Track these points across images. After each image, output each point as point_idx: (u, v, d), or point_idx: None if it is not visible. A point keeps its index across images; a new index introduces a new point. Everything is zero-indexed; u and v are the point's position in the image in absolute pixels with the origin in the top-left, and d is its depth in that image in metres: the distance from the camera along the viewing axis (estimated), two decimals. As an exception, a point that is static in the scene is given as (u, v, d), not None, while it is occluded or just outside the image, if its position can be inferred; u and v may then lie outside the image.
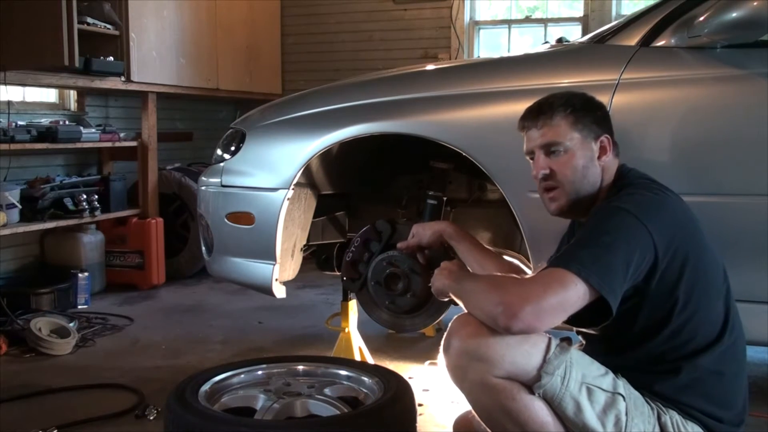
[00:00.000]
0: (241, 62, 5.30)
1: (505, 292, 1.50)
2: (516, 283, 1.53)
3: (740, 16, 1.97)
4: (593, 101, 1.78)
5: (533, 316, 1.46)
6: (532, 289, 1.49)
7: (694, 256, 1.58)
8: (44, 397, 2.62)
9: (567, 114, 1.71)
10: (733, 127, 2.10)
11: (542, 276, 1.52)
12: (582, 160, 1.71)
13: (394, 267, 2.60)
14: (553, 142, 1.71)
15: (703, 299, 1.59)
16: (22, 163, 3.97)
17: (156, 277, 4.44)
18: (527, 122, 1.77)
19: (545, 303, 1.47)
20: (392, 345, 3.18)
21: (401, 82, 2.63)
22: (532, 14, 5.44)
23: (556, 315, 1.48)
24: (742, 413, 1.64)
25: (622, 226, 1.53)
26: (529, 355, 1.50)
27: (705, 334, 1.59)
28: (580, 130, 1.71)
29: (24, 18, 3.48)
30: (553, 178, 1.73)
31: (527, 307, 1.45)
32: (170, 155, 5.11)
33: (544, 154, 1.73)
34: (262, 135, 2.67)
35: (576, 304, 1.49)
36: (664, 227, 1.55)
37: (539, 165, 1.74)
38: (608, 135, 1.74)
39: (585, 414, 1.50)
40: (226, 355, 3.11)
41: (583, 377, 1.52)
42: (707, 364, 1.58)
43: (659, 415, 1.56)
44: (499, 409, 1.52)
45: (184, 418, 1.81)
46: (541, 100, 1.77)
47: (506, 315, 1.46)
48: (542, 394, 1.50)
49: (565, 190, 1.72)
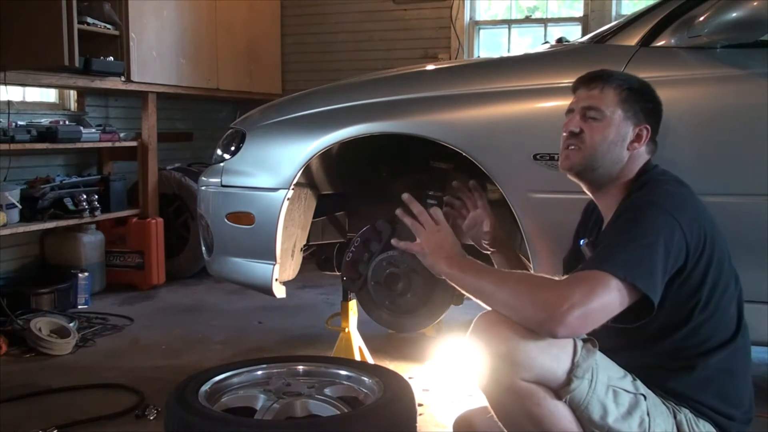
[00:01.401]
0: (241, 62, 5.30)
1: (549, 294, 1.45)
2: (558, 286, 1.47)
3: (740, 16, 1.97)
4: (650, 92, 1.75)
5: (580, 321, 1.42)
6: (576, 293, 1.43)
7: (717, 255, 1.57)
8: (44, 397, 2.62)
9: (621, 90, 1.70)
10: (733, 127, 2.10)
11: (585, 279, 1.47)
12: (613, 135, 1.69)
13: (394, 267, 2.60)
14: (595, 107, 1.70)
15: (722, 300, 1.59)
16: (22, 163, 3.97)
17: (156, 277, 4.43)
18: (582, 83, 1.76)
19: (592, 307, 1.43)
20: (392, 345, 3.18)
21: (401, 82, 2.63)
22: (532, 14, 5.44)
23: (601, 319, 1.45)
24: (750, 411, 1.64)
25: (659, 224, 1.51)
26: (558, 359, 1.47)
27: (721, 333, 1.59)
28: (625, 110, 1.69)
29: (24, 18, 3.48)
30: (579, 138, 1.71)
31: (575, 311, 1.41)
32: (170, 155, 5.11)
33: (581, 115, 1.72)
34: (262, 135, 2.67)
35: (620, 308, 1.46)
36: (694, 224, 1.54)
37: (572, 122, 1.73)
38: (648, 127, 1.71)
39: (611, 417, 1.48)
40: (226, 355, 3.11)
41: (608, 379, 1.50)
42: (720, 362, 1.58)
43: (674, 414, 1.55)
44: (523, 413, 1.49)
45: (184, 418, 1.81)
46: (604, 69, 1.76)
47: (552, 319, 1.41)
48: (569, 400, 1.47)
49: (584, 154, 1.70)
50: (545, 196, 2.17)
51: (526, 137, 2.24)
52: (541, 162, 2.19)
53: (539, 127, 2.19)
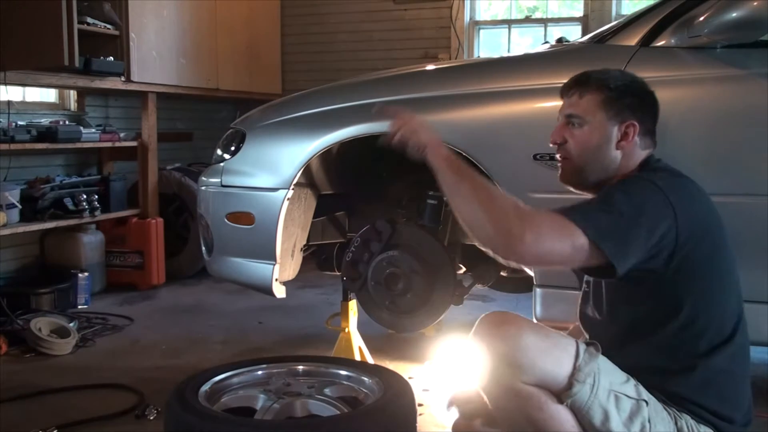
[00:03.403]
0: (241, 62, 5.30)
1: (517, 221, 1.46)
2: (527, 216, 1.47)
3: (740, 16, 1.97)
4: (634, 86, 1.72)
5: (535, 259, 1.47)
6: (544, 234, 1.45)
7: (716, 246, 1.57)
8: (44, 397, 2.62)
9: (598, 92, 1.69)
10: (733, 127, 2.10)
11: (557, 223, 1.48)
12: (596, 139, 1.67)
13: (394, 267, 2.60)
14: (575, 114, 1.70)
15: (717, 293, 1.58)
16: (22, 163, 3.97)
17: (156, 277, 4.43)
18: (565, 89, 1.76)
19: (552, 253, 1.46)
20: (392, 345, 3.18)
21: (401, 82, 2.63)
22: (532, 14, 5.44)
23: (554, 265, 1.53)
24: (749, 413, 1.64)
25: (646, 196, 1.51)
26: (560, 362, 1.46)
27: (717, 330, 1.57)
28: (607, 110, 1.67)
29: (24, 18, 3.48)
30: (564, 148, 1.72)
31: (535, 249, 1.44)
32: (170, 155, 5.11)
33: (563, 124, 1.73)
34: (262, 135, 2.67)
35: (579, 263, 1.50)
36: (688, 208, 1.53)
37: (555, 132, 1.74)
38: (636, 122, 1.68)
39: (612, 422, 1.47)
40: (226, 355, 3.10)
41: (610, 384, 1.49)
42: (720, 363, 1.57)
43: (676, 420, 1.54)
44: (524, 416, 1.48)
45: (184, 418, 1.81)
46: (584, 72, 1.75)
47: (510, 246, 1.45)
48: (570, 404, 1.46)
49: (574, 164, 1.71)
50: (545, 196, 2.17)
51: (526, 137, 2.25)
52: (541, 162, 2.19)
53: (539, 127, 2.19)
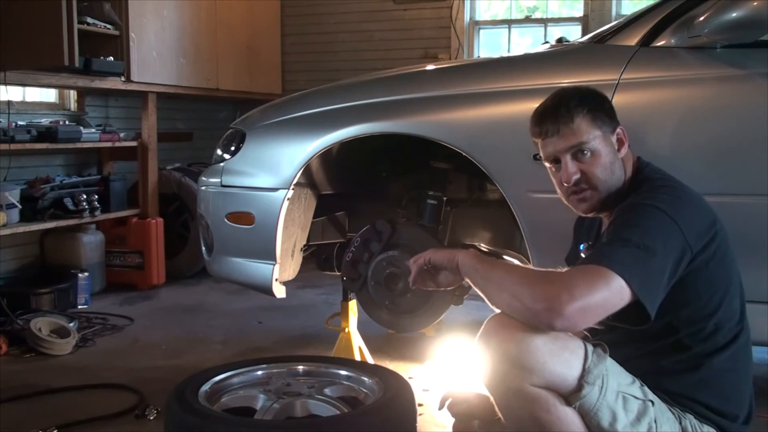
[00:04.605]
0: (241, 62, 5.30)
1: (549, 286, 1.41)
2: (559, 278, 1.43)
3: (740, 16, 1.97)
4: (599, 94, 1.72)
5: (580, 315, 1.38)
6: (576, 285, 1.40)
7: (721, 250, 1.57)
8: (44, 397, 2.62)
9: (585, 113, 1.64)
10: (733, 127, 2.10)
11: (585, 272, 1.44)
12: (608, 157, 1.65)
13: (394, 267, 2.60)
14: (580, 143, 1.64)
15: (725, 297, 1.58)
16: (22, 163, 3.97)
17: (156, 277, 4.43)
18: (545, 128, 1.68)
19: (591, 301, 1.39)
20: (392, 345, 3.18)
21: (401, 82, 2.63)
22: (532, 14, 5.44)
23: (599, 314, 1.42)
24: (750, 412, 1.64)
25: (658, 227, 1.49)
26: (569, 365, 1.45)
27: (722, 331, 1.58)
28: (600, 126, 1.65)
29: (24, 18, 3.48)
30: (585, 180, 1.66)
31: (574, 303, 1.37)
32: (170, 155, 5.11)
33: (572, 157, 1.66)
34: (262, 135, 2.67)
35: (618, 305, 1.43)
36: (695, 224, 1.52)
37: (569, 171, 1.66)
38: (619, 125, 1.69)
39: (619, 424, 1.46)
40: (226, 355, 3.10)
41: (618, 386, 1.49)
42: (723, 362, 1.57)
43: (680, 419, 1.54)
44: (531, 419, 1.47)
45: (184, 418, 1.81)
46: (555, 103, 1.68)
47: (550, 311, 1.38)
48: (579, 406, 1.45)
49: (598, 189, 1.66)
50: (545, 196, 2.17)
51: (526, 137, 2.23)
52: (541, 162, 2.19)
53: (539, 127, 2.19)
